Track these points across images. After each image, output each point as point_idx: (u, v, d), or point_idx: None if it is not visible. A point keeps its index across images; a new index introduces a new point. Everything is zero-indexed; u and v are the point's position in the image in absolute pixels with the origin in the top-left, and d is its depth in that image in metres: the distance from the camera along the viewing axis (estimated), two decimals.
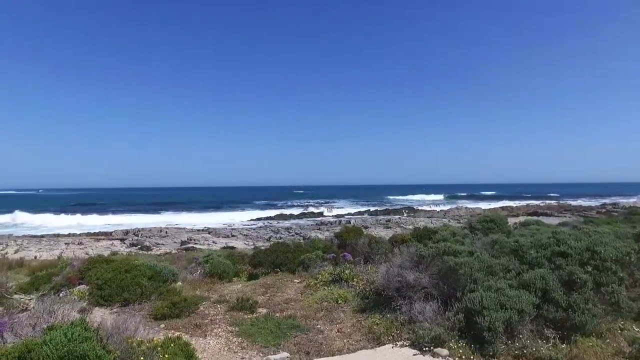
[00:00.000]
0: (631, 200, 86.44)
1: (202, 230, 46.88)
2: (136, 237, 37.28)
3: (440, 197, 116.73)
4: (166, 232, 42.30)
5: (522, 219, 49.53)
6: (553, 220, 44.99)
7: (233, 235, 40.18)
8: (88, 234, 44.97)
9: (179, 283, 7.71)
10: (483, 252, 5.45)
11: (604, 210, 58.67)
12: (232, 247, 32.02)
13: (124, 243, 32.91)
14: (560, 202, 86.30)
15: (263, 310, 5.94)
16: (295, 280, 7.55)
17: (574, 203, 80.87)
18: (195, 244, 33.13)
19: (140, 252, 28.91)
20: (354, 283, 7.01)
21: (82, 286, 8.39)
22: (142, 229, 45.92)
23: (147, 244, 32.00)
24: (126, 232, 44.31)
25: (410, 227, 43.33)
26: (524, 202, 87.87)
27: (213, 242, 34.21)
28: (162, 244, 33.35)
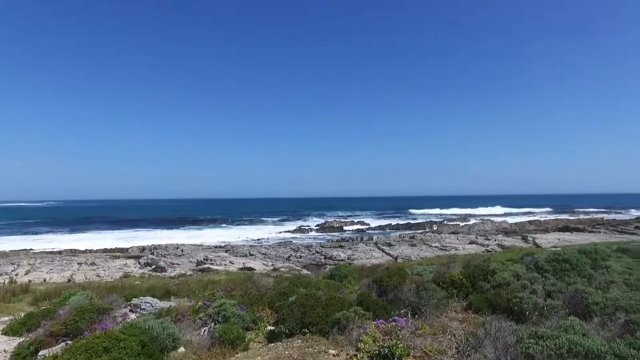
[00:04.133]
0: None
1: (219, 247, 45.55)
2: (152, 256, 36.08)
3: (498, 209, 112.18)
4: (182, 250, 41.10)
5: (556, 235, 46.70)
6: (591, 237, 42.08)
7: (251, 255, 38.59)
8: (105, 251, 44.23)
9: (181, 349, 6.04)
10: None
11: None
12: (250, 269, 30.38)
13: (139, 262, 31.63)
14: (592, 216, 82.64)
15: None
16: (331, 351, 5.76)
17: (607, 217, 77.25)
18: (212, 264, 31.62)
19: (154, 273, 27.53)
20: None
21: (63, 344, 6.89)
22: (159, 246, 44.91)
23: (162, 264, 30.64)
24: (142, 249, 43.33)
25: (437, 244, 41.03)
26: (551, 216, 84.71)
27: (230, 262, 32.63)
28: (177, 264, 31.96)
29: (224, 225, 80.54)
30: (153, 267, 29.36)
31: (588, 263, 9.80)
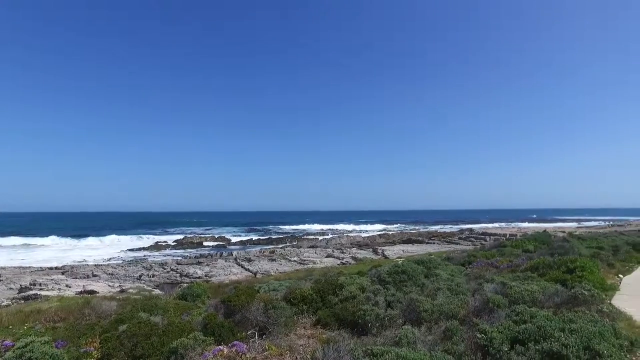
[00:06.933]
0: (480, 226, 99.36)
1: (55, 269, 39.15)
2: None
3: (368, 226, 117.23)
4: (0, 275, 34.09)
5: (401, 247, 51.98)
6: (428, 248, 48.06)
7: (95, 275, 34.03)
8: None
9: None
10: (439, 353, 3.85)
11: (464, 236, 65.53)
12: (92, 292, 26.60)
13: None
14: (429, 229, 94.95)
15: None
16: None
17: (440, 229, 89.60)
18: (42, 289, 26.81)
19: None
20: None
21: None
22: None
23: None
24: None
25: (296, 258, 41.90)
26: (398, 230, 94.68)
27: (67, 285, 28.15)
28: None
29: (63, 242, 69.96)
30: None
31: (423, 272, 10.91)
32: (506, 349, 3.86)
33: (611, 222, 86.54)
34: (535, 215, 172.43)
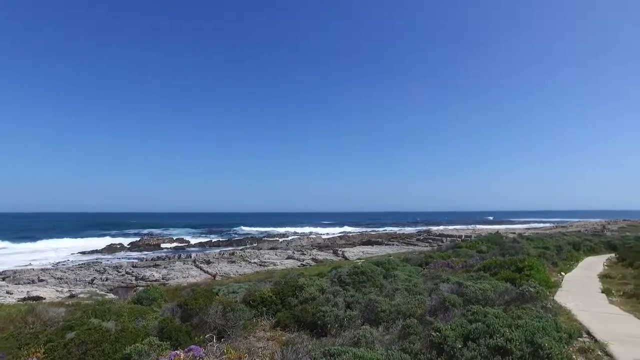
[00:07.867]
0: (439, 228, 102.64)
1: None
2: None
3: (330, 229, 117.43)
4: None
5: (361, 249, 52.65)
6: (387, 249, 49.00)
7: (41, 280, 32.20)
8: None
9: None
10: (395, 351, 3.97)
11: (422, 237, 67.37)
12: (37, 298, 25.16)
13: None
14: (388, 230, 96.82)
15: None
16: None
17: (399, 231, 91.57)
18: None
19: None
20: None
21: None
22: None
23: None
24: None
25: (256, 260, 41.52)
26: (357, 232, 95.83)
27: (7, 292, 26.45)
28: None
29: (6, 245, 65.71)
30: None
31: (382, 273, 11.13)
32: (459, 346, 4.06)
33: (556, 224, 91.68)
34: (492, 217, 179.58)
